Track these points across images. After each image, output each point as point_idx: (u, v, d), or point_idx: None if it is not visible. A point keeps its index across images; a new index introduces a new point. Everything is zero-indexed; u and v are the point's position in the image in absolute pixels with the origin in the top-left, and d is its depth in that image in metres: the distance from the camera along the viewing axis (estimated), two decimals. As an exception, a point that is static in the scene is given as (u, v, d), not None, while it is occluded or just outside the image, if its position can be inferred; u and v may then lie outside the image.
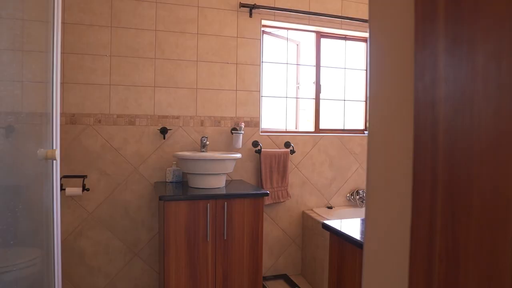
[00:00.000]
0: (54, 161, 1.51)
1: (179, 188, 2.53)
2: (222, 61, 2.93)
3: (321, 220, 2.85)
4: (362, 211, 3.32)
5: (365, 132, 3.56)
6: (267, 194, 2.45)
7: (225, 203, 2.34)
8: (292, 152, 3.12)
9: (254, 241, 2.42)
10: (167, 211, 2.23)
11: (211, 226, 2.32)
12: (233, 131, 2.91)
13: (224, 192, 2.41)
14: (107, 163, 2.66)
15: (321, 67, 3.40)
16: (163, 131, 2.75)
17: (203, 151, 2.73)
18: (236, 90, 2.98)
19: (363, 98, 3.61)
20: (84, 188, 2.51)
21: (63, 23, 2.52)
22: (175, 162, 2.76)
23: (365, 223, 0.76)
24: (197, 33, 2.85)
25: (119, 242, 2.71)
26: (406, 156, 0.64)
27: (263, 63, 3.15)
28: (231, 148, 2.97)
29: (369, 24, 0.69)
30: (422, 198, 0.58)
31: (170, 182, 2.73)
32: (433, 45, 0.53)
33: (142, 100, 2.73)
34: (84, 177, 2.55)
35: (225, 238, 2.34)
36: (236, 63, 2.97)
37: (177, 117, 2.82)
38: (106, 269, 2.68)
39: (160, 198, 2.22)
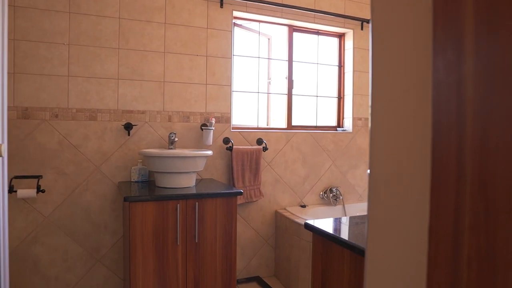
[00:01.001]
0: (1, 158, 1.31)
1: (145, 188, 2.35)
2: (191, 53, 2.77)
3: (295, 220, 2.76)
4: (336, 209, 3.27)
5: (338, 129, 3.51)
6: (240, 193, 2.32)
7: (196, 203, 2.19)
8: (265, 149, 3.01)
9: (227, 243, 2.29)
10: (133, 213, 2.05)
11: (181, 228, 2.16)
12: (203, 127, 2.76)
13: (194, 191, 2.26)
14: (65, 162, 2.43)
15: (293, 62, 3.30)
16: (128, 127, 2.55)
17: (172, 148, 2.56)
18: (206, 84, 2.83)
19: (336, 95, 3.56)
20: (39, 190, 2.27)
21: (13, 5, 2.27)
22: (140, 160, 2.57)
23: (368, 225, 0.65)
24: (165, 23, 2.67)
25: (79, 248, 2.49)
26: (421, 145, 0.53)
27: (234, 56, 3.01)
28: (201, 145, 2.82)
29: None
30: (443, 194, 0.48)
31: (136, 181, 2.54)
32: (459, 6, 0.42)
33: (105, 93, 2.52)
34: (38, 177, 2.31)
35: (196, 240, 2.19)
36: (206, 56, 2.82)
37: (143, 112, 2.63)
38: (64, 277, 2.46)
39: (125, 199, 2.04)
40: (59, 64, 2.40)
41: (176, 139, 2.56)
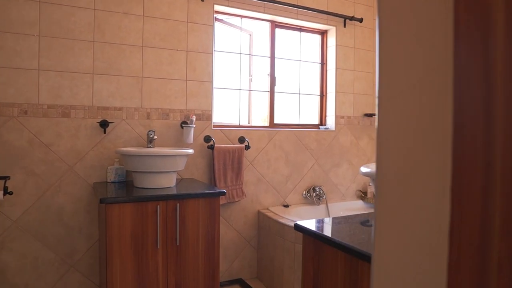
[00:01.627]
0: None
1: (122, 189, 2.22)
2: (171, 48, 2.65)
3: (279, 220, 2.69)
4: (319, 208, 3.22)
5: (321, 127, 3.47)
6: (223, 193, 2.23)
7: (177, 204, 2.09)
8: (247, 147, 2.92)
9: (210, 245, 2.19)
10: (110, 216, 1.93)
11: (161, 231, 2.05)
12: (183, 125, 2.65)
13: (175, 192, 2.15)
14: (36, 162, 2.28)
15: (275, 59, 3.24)
16: (104, 124, 2.42)
17: (150, 147, 2.44)
18: (186, 80, 2.72)
19: (318, 93, 3.51)
20: (6, 192, 2.11)
21: (-23, -7, 2.10)
22: (117, 160, 2.44)
23: (376, 227, 0.57)
24: (143, 15, 2.55)
25: (51, 254, 2.33)
26: (440, 138, 0.46)
27: (216, 52, 2.91)
28: (181, 143, 2.71)
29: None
30: (468, 192, 0.41)
31: (112, 182, 2.41)
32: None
33: (79, 89, 2.38)
34: (6, 178, 2.15)
35: (177, 243, 2.09)
36: (187, 51, 2.71)
37: (120, 109, 2.50)
38: (35, 286, 2.30)
39: (101, 201, 1.91)
40: (29, 57, 2.25)
41: (155, 137, 2.45)
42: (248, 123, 3.21)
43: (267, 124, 3.23)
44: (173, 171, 2.30)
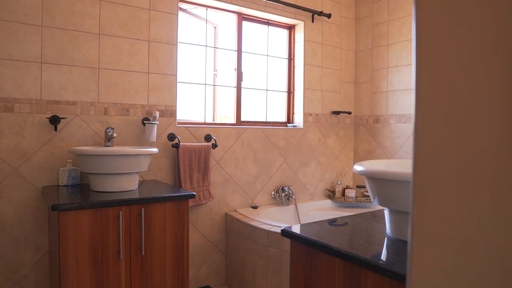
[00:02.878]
0: None
1: (77, 193, 1.97)
2: (131, 37, 2.41)
3: (249, 222, 2.54)
4: (288, 209, 3.11)
5: (288, 125, 3.36)
6: (193, 196, 2.04)
7: (142, 209, 1.87)
8: (214, 146, 2.75)
9: (178, 253, 2.00)
10: (64, 224, 1.68)
11: (124, 240, 1.82)
12: (145, 122, 2.42)
13: (139, 195, 1.93)
14: (-29, 163, 1.96)
15: (242, 53, 3.08)
16: (54, 120, 2.14)
17: (109, 145, 2.19)
18: (149, 73, 2.49)
19: (285, 89, 3.40)
20: None
21: None
22: (71, 160, 2.17)
23: (414, 241, 0.45)
24: (99, -1, 2.29)
25: (-9, 269, 2.02)
26: (502, 133, 0.35)
27: (180, 43, 2.71)
28: (143, 141, 2.48)
29: None
30: None
31: (65, 185, 2.14)
32: None
33: (24, 80, 2.08)
34: None
35: (143, 253, 1.87)
36: (149, 41, 2.48)
37: (73, 103, 2.23)
38: (-29, 306, 1.98)
39: (53, 208, 1.65)
40: (-38, 41, 1.92)
41: (114, 135, 2.20)
42: (213, 121, 3.02)
43: (233, 121, 3.07)
44: (136, 172, 2.08)
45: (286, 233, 1.31)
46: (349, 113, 3.55)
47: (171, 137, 2.59)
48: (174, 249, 1.98)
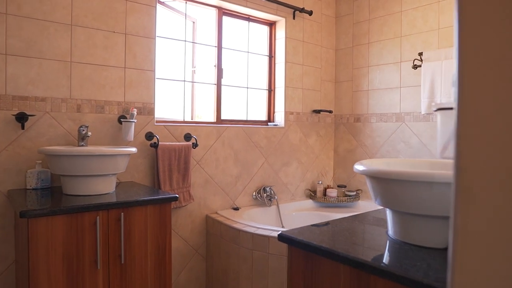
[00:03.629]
0: None
1: (47, 197, 1.80)
2: (106, 29, 2.26)
3: (232, 225, 2.44)
4: (271, 210, 3.03)
5: (269, 123, 3.28)
6: (175, 198, 1.92)
7: (122, 214, 1.73)
8: (195, 145, 2.62)
9: (160, 261, 1.87)
10: (34, 232, 1.52)
11: (102, 248, 1.68)
12: (122, 120, 2.27)
13: (116, 199, 1.79)
14: None
15: (223, 49, 2.97)
16: (21, 118, 1.95)
17: (83, 145, 2.03)
18: (125, 68, 2.34)
19: (266, 87, 3.32)
20: None
21: None
22: (40, 162, 1.99)
23: (455, 242, 0.38)
24: (71, -13, 2.12)
25: (-51, 282, 1.82)
26: None
27: (158, 37, 2.56)
28: (119, 141, 2.32)
29: None
30: None
31: (34, 189, 1.96)
32: None
33: (-14, 73, 1.89)
34: None
35: (122, 262, 1.73)
36: (125, 34, 2.33)
37: (43, 99, 2.05)
38: None
39: (22, 214, 1.49)
40: None
41: (88, 133, 2.04)
42: (191, 119, 2.90)
43: (213, 120, 2.96)
44: (113, 174, 1.93)
45: (284, 238, 1.23)
46: (330, 112, 3.52)
47: (149, 136, 2.45)
48: (156, 257, 1.85)
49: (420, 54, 2.91)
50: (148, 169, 2.46)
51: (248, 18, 3.14)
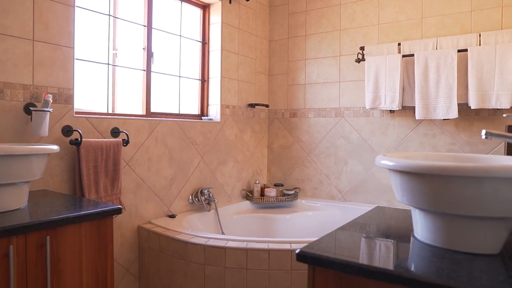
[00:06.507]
0: None
1: None
2: (7, -15, 1.67)
3: (176, 237, 2.06)
4: (210, 215, 2.68)
5: (203, 117, 2.92)
6: (119, 211, 1.48)
7: (47, 238, 1.24)
8: (126, 142, 2.15)
9: (100, 294, 1.42)
10: None
11: (18, 287, 1.18)
12: (32, 109, 1.71)
13: (38, 218, 1.28)
14: None
15: (153, 29, 2.53)
16: None
17: (-23, 143, 1.45)
18: (34, 40, 1.78)
19: (199, 77, 2.95)
20: None
21: None
22: None
23: None
24: None
25: None
26: None
27: (77, 7, 2.03)
28: (27, 136, 1.76)
29: None
30: None
31: None
32: None
33: None
34: None
35: (50, 303, 1.25)
36: (34, -5, 1.77)
37: None
38: None
39: None
40: None
41: (-15, 126, 1.46)
42: (112, 111, 2.39)
43: (140, 112, 2.50)
44: (25, 182, 1.41)
45: (307, 257, 0.94)
46: (267, 106, 3.30)
47: (67, 131, 1.92)
48: (95, 289, 1.40)
49: (362, 48, 2.85)
50: (66, 173, 1.92)
51: (181, -3, 2.74)
